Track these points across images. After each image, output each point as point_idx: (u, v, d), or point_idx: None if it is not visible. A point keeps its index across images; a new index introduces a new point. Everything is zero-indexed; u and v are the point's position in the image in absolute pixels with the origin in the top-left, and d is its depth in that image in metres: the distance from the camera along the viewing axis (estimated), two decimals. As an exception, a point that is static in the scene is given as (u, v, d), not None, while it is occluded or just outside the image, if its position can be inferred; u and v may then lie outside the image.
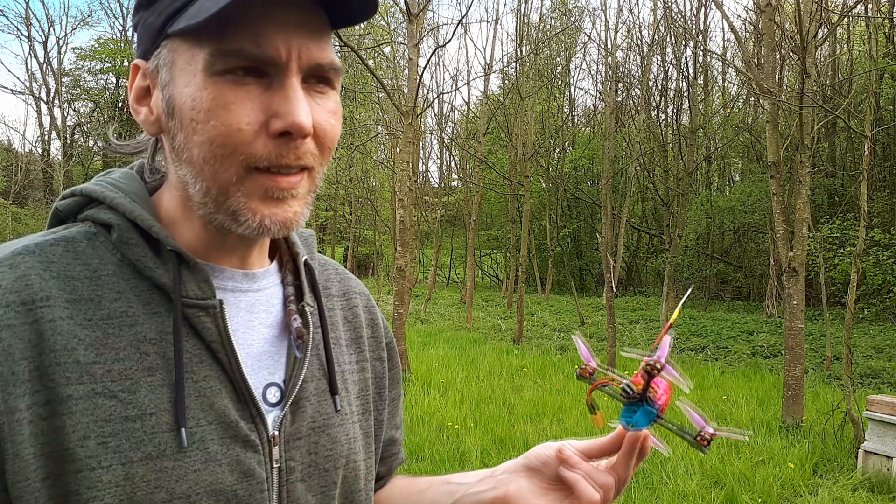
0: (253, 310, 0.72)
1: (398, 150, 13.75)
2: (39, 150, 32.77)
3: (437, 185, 28.02)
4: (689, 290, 0.98)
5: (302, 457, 0.71)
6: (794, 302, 6.56)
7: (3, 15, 46.17)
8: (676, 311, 0.75)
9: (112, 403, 0.60)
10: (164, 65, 0.64)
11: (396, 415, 0.92)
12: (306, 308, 0.75)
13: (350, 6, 0.65)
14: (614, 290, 10.55)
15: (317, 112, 0.64)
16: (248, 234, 0.66)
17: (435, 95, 19.45)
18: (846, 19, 14.79)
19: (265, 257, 0.76)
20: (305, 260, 0.79)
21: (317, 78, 0.65)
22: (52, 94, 30.79)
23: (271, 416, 0.70)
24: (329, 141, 0.66)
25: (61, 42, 47.95)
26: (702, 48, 17.64)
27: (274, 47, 0.61)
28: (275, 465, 0.69)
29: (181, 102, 0.63)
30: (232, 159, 0.62)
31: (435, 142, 27.38)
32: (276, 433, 0.69)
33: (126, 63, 30.25)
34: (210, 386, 0.66)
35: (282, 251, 0.79)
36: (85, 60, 30.68)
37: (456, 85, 22.98)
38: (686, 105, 20.24)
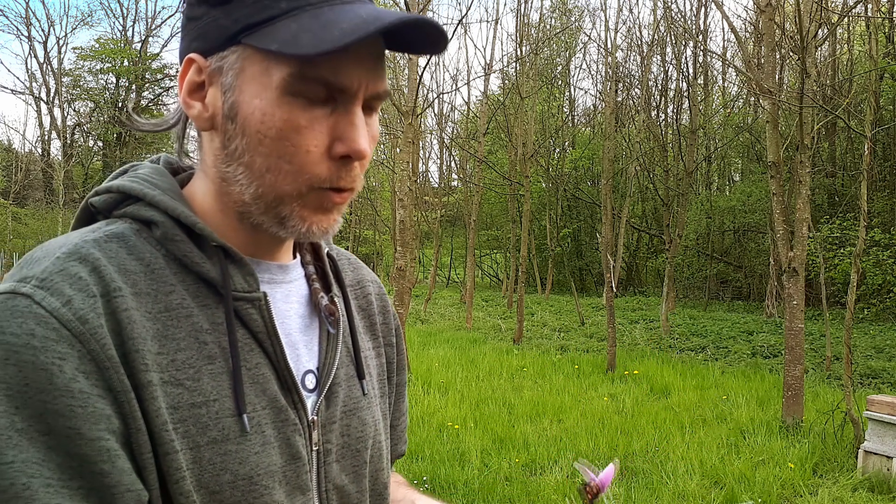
0: (288, 300, 0.76)
1: (398, 150, 13.74)
2: (39, 150, 32.84)
3: (437, 185, 28.01)
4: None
5: (336, 439, 0.76)
6: (794, 302, 6.56)
7: (3, 15, 46.25)
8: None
9: (179, 391, 0.63)
10: (231, 69, 0.66)
11: (402, 402, 0.95)
12: (336, 298, 0.80)
13: (414, 47, 0.68)
14: (614, 290, 10.55)
15: None
16: (287, 237, 0.71)
17: (435, 95, 19.44)
18: (846, 19, 14.79)
19: (291, 250, 0.79)
20: (328, 251, 0.83)
21: (371, 104, 0.69)
22: (52, 94, 30.85)
23: (310, 402, 0.74)
24: (367, 162, 0.70)
25: (61, 42, 48.07)
26: (702, 48, 17.65)
27: (349, 78, 0.65)
28: (314, 448, 0.74)
29: (248, 112, 0.65)
30: (297, 176, 0.66)
31: (435, 142, 27.38)
32: (315, 417, 0.74)
33: (126, 63, 30.26)
34: (262, 373, 0.70)
35: (302, 244, 0.82)
36: (85, 60, 30.71)
37: (456, 85, 22.94)
38: (686, 105, 20.26)
